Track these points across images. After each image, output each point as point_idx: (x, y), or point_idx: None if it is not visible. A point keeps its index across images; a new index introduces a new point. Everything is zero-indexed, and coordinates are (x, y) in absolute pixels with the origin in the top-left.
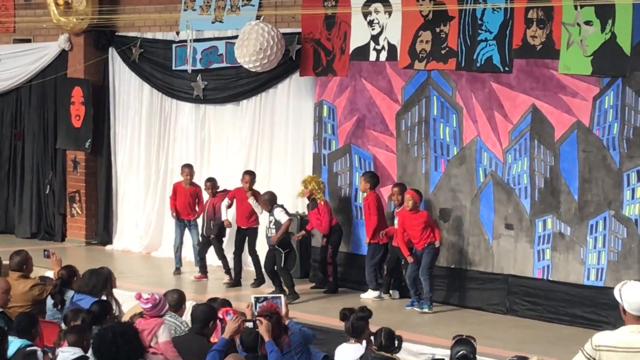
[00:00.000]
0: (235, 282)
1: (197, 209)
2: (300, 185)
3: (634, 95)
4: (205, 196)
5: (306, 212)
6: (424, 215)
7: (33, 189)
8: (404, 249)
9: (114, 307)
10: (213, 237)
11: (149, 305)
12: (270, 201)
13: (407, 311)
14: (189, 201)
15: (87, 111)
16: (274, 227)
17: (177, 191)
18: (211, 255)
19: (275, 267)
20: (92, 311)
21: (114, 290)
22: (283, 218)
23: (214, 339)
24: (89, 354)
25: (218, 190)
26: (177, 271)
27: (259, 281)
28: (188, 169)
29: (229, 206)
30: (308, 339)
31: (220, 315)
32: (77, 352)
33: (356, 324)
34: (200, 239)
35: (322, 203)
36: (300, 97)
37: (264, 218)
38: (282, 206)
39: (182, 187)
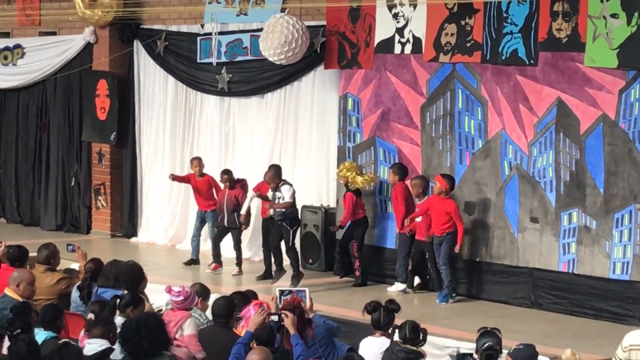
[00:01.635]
0: (266, 274)
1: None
2: (343, 171)
3: None
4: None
5: (330, 205)
6: (451, 206)
7: (58, 181)
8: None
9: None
10: (245, 228)
11: (181, 298)
12: (276, 176)
13: (432, 304)
14: (205, 192)
15: (112, 104)
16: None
17: (191, 182)
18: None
19: (284, 243)
20: (120, 297)
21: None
22: (287, 195)
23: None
24: (115, 345)
25: (236, 181)
26: (191, 262)
27: (279, 272)
28: (197, 160)
29: (253, 197)
30: (333, 332)
31: (251, 308)
32: (104, 344)
33: (385, 316)
34: (216, 229)
35: (350, 194)
36: (324, 90)
37: None
38: (289, 184)
39: (195, 179)
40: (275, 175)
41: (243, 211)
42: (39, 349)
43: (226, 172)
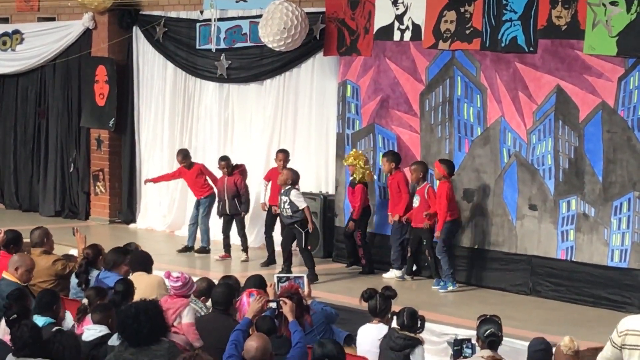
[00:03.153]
0: (270, 260)
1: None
2: (350, 159)
3: None
4: (218, 173)
5: (329, 192)
6: (442, 189)
7: (57, 167)
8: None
9: None
10: (244, 214)
11: (179, 283)
12: (292, 178)
13: (430, 291)
14: (195, 181)
15: (111, 90)
16: (288, 207)
17: (183, 176)
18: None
19: (297, 246)
20: (120, 291)
21: None
22: (300, 203)
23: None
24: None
25: (234, 167)
26: (185, 249)
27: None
28: (181, 155)
29: (266, 187)
30: (331, 318)
31: (244, 298)
32: (103, 329)
33: (382, 303)
34: (222, 219)
35: (362, 186)
36: (324, 76)
37: None
38: (298, 189)
39: (185, 171)
40: (290, 177)
41: (263, 200)
42: (41, 334)
43: (224, 159)
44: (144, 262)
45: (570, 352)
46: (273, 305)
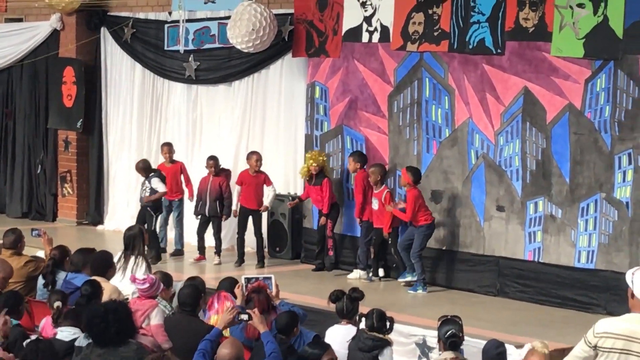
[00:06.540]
0: (240, 262)
1: (185, 188)
2: (309, 161)
3: (625, 78)
4: (195, 174)
5: (297, 193)
6: (410, 195)
7: (24, 168)
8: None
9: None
10: (225, 217)
11: (147, 285)
12: (145, 170)
13: (398, 293)
14: (174, 180)
15: (79, 91)
16: (149, 192)
17: (162, 168)
18: (191, 235)
19: (146, 226)
20: (86, 294)
21: None
22: (161, 187)
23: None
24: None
25: (220, 169)
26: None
27: (262, 263)
28: (167, 147)
29: (239, 193)
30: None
31: (215, 299)
32: (77, 332)
33: (349, 305)
34: (199, 218)
35: (328, 180)
36: (292, 78)
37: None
38: (158, 176)
39: (165, 167)
40: (143, 169)
41: (234, 207)
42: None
43: (212, 158)
44: (102, 267)
45: (546, 351)
46: (245, 317)
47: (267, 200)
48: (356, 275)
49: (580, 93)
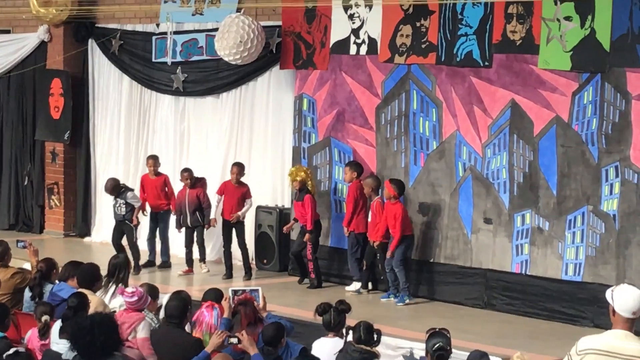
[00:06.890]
0: (229, 275)
1: (168, 199)
2: (288, 178)
3: (612, 90)
4: (177, 186)
5: (285, 206)
6: (398, 210)
7: (11, 180)
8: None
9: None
10: (208, 226)
11: (135, 298)
12: (114, 188)
13: (385, 305)
14: (158, 192)
15: (66, 103)
16: (124, 206)
17: (145, 184)
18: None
19: (127, 240)
20: (72, 306)
21: None
22: (136, 201)
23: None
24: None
25: (195, 179)
26: (148, 263)
27: (249, 274)
28: (153, 160)
29: (219, 202)
30: (286, 331)
31: (204, 310)
32: None
33: (336, 317)
34: (183, 231)
35: (310, 196)
36: (280, 90)
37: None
38: (132, 190)
39: (149, 179)
40: (112, 188)
41: (213, 215)
42: None
43: (186, 170)
44: (89, 280)
45: None
46: (234, 340)
47: (241, 210)
48: (354, 287)
49: (567, 106)
